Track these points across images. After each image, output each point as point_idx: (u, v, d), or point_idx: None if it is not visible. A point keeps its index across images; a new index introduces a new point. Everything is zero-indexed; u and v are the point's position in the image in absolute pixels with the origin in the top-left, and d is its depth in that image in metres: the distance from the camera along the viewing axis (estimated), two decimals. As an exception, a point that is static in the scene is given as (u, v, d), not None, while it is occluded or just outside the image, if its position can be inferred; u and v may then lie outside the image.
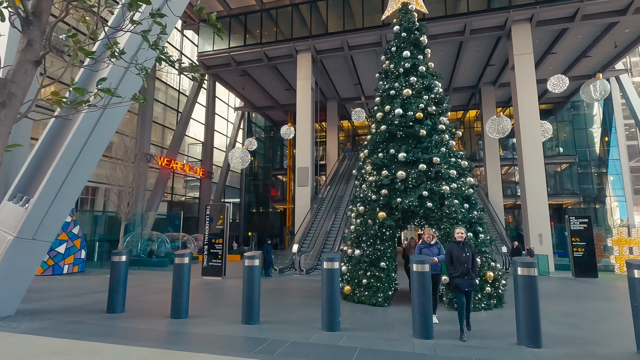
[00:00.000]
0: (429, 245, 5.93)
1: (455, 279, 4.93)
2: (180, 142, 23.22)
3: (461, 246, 5.10)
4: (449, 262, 5.06)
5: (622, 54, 20.02)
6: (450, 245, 5.23)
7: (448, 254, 5.12)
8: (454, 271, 4.97)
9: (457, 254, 5.02)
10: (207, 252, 12.21)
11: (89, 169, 6.73)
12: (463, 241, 5.15)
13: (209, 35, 21.26)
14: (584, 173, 27.77)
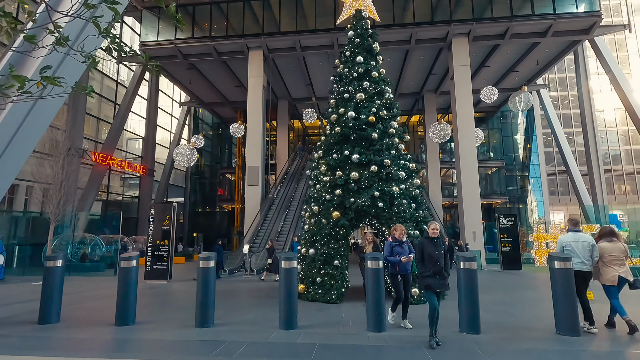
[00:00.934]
0: (401, 243, 5.52)
1: (427, 279, 4.58)
2: (117, 136, 21.53)
3: (434, 243, 4.71)
4: (420, 260, 4.72)
5: (542, 70, 22.65)
6: (422, 241, 4.84)
7: (419, 250, 4.76)
8: (425, 270, 4.63)
9: (430, 251, 4.65)
10: (151, 255, 11.52)
11: (17, 166, 6.01)
12: (437, 237, 4.76)
13: (153, 24, 19.98)
14: (510, 176, 30.93)
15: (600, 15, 17.21)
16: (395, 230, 5.62)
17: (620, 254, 5.10)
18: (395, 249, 5.44)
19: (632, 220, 27.58)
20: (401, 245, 5.48)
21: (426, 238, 4.83)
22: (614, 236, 5.28)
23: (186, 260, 19.88)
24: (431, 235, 4.77)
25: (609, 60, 19.41)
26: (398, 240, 5.51)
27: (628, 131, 43.59)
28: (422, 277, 4.66)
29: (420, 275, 4.70)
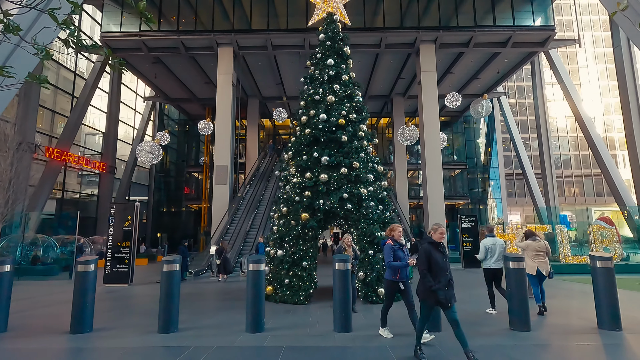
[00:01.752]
0: (402, 246, 4.94)
1: (439, 293, 3.87)
2: (75, 131, 20.32)
3: (441, 249, 4.10)
4: (426, 269, 4.00)
5: (502, 79, 23.91)
6: (427, 247, 4.09)
7: (425, 258, 4.02)
8: (435, 282, 3.91)
9: (438, 259, 3.99)
10: (111, 257, 10.99)
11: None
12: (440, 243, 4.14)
13: (116, 14, 19.02)
14: (472, 178, 32.41)
15: (554, 29, 18.44)
16: (393, 231, 5.00)
17: (541, 251, 6.34)
18: (397, 253, 4.82)
19: (579, 221, 29.77)
20: (402, 248, 4.91)
21: (431, 244, 4.11)
22: (535, 236, 6.58)
23: (149, 262, 19.12)
24: (438, 240, 4.10)
25: (561, 72, 20.84)
26: (398, 243, 4.92)
27: (577, 138, 47.03)
28: (432, 290, 3.89)
29: (429, 289, 3.91)
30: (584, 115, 19.98)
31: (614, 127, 48.41)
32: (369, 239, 7.64)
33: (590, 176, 47.19)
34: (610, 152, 42.89)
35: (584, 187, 47.52)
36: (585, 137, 20.17)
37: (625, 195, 17.90)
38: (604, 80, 49.83)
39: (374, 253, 7.54)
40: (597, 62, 50.45)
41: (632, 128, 16.88)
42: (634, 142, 16.79)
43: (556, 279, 11.11)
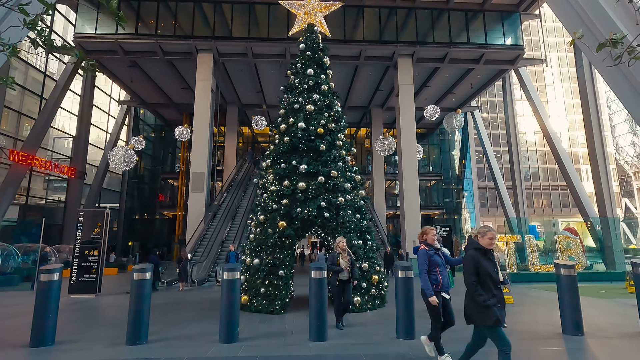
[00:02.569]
0: (437, 250, 4.33)
1: (494, 309, 3.22)
2: (43, 134, 19.42)
3: (491, 257, 3.45)
4: (473, 282, 3.32)
5: (476, 94, 24.89)
6: (474, 254, 3.42)
7: (472, 268, 3.36)
8: (487, 295, 3.26)
9: (488, 269, 3.33)
10: (77, 266, 10.49)
11: None
12: (490, 250, 3.47)
13: (91, 14, 18.53)
14: (447, 189, 33.28)
15: (523, 49, 19.45)
16: (426, 234, 4.35)
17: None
18: (434, 259, 4.19)
19: (547, 231, 31.07)
20: (438, 252, 4.30)
21: (479, 250, 3.44)
22: None
23: (119, 272, 18.37)
24: (487, 246, 3.44)
25: (530, 89, 21.92)
26: (433, 247, 4.29)
27: (545, 152, 49.37)
28: (485, 306, 3.22)
29: (482, 304, 3.23)
30: (551, 131, 21.04)
31: (578, 143, 51.21)
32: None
33: (557, 189, 49.49)
34: (575, 166, 45.30)
35: (552, 199, 49.76)
36: (552, 151, 21.20)
37: (588, 207, 18.87)
38: (568, 98, 52.81)
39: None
40: (563, 81, 53.49)
41: (593, 144, 17.92)
42: (595, 157, 17.81)
43: (525, 286, 11.52)
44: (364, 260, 7.78)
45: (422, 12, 19.34)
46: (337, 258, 6.04)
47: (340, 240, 6.22)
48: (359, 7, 19.02)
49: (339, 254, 6.10)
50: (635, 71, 5.22)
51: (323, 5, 9.81)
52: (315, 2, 9.68)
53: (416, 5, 19.09)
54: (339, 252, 6.11)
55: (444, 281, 4.16)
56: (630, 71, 5.22)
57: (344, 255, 6.08)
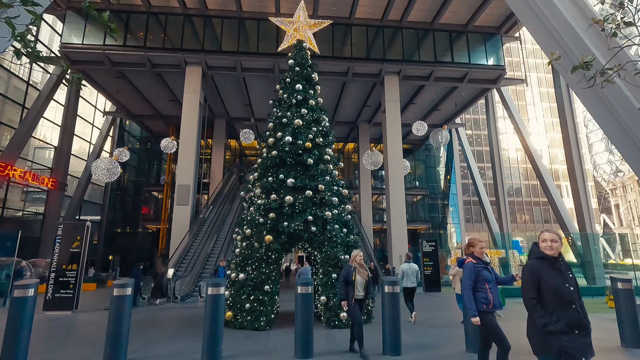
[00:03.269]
0: (486, 265, 3.86)
1: (559, 336, 2.54)
2: (23, 144, 18.91)
3: (558, 267, 2.74)
4: (532, 299, 2.70)
5: (460, 111, 25.55)
6: (534, 264, 2.79)
7: (530, 281, 2.74)
8: (551, 318, 2.60)
9: (555, 282, 2.67)
10: (54, 281, 10.09)
11: None
12: (557, 258, 2.76)
13: (78, 25, 18.41)
14: (432, 204, 33.67)
15: (505, 69, 20.20)
16: (473, 246, 3.94)
17: None
18: (483, 274, 3.74)
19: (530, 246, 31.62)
20: (487, 267, 3.85)
21: (540, 259, 2.79)
22: None
23: (98, 287, 17.71)
24: (551, 253, 2.75)
25: (512, 108, 22.66)
26: (481, 261, 3.86)
27: (527, 169, 50.73)
28: (548, 332, 2.58)
29: (543, 329, 2.60)
30: (532, 148, 21.69)
31: (557, 160, 52.87)
32: (333, 262, 7.64)
33: (539, 204, 50.69)
34: (555, 182, 46.56)
35: (534, 214, 50.88)
36: (533, 168, 21.79)
37: (568, 223, 19.35)
38: (548, 117, 54.76)
39: (337, 277, 7.52)
40: (542, 101, 55.54)
41: (572, 161, 18.53)
42: (574, 174, 18.39)
43: (509, 301, 11.62)
44: (350, 275, 7.73)
45: (408, 31, 19.95)
46: (352, 274, 5.25)
47: (357, 253, 5.47)
48: (347, 25, 19.50)
49: (355, 269, 5.31)
50: (609, 93, 5.48)
51: (312, 23, 10.02)
52: (304, 20, 9.88)
53: (402, 25, 19.70)
54: (355, 267, 5.33)
55: (494, 299, 3.65)
56: (604, 92, 5.48)
57: (361, 270, 5.31)
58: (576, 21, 6.40)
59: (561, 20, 6.52)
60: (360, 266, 5.35)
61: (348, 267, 5.40)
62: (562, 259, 2.78)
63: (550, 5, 6.77)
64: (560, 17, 6.51)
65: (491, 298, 3.64)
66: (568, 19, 6.39)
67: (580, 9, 6.58)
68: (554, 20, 6.65)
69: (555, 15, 6.63)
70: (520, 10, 7.59)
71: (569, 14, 6.50)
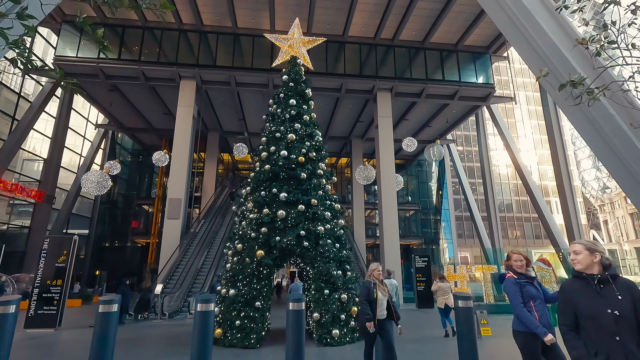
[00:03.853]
0: (530, 280, 3.40)
1: None
2: (11, 156, 18.63)
3: (594, 286, 2.29)
4: (564, 326, 2.35)
5: (451, 128, 25.96)
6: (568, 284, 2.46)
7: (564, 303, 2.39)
8: (585, 350, 2.21)
9: (589, 308, 2.25)
10: (37, 297, 9.77)
11: None
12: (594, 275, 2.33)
13: (72, 38, 18.48)
14: (425, 219, 33.75)
15: (494, 87, 20.69)
16: (514, 260, 3.47)
17: (447, 290, 8.56)
18: (527, 290, 3.33)
19: (521, 262, 31.63)
20: (532, 282, 3.40)
21: (575, 278, 2.44)
22: (444, 279, 8.89)
23: (83, 303, 17.21)
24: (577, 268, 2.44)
25: (501, 125, 23.11)
26: (524, 275, 3.42)
27: (517, 185, 51.42)
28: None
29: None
30: (522, 165, 22.03)
31: (547, 176, 53.75)
32: (325, 278, 7.55)
33: (529, 220, 51.17)
34: (545, 198, 47.19)
35: (525, 230, 51.29)
36: (524, 184, 22.08)
37: (559, 238, 19.51)
38: (537, 134, 55.96)
39: (329, 293, 7.42)
40: (531, 118, 56.84)
41: (561, 178, 18.84)
42: (564, 190, 18.67)
43: (503, 317, 11.56)
44: (343, 291, 7.65)
45: (400, 49, 20.41)
46: (373, 291, 4.56)
47: (376, 267, 4.85)
48: (341, 42, 19.90)
49: (375, 284, 4.65)
50: (595, 111, 5.63)
51: (306, 40, 10.20)
52: (299, 37, 10.06)
53: (394, 43, 20.16)
54: (375, 283, 4.67)
55: (542, 319, 3.16)
56: (590, 111, 5.62)
57: (381, 286, 4.72)
58: (561, 42, 6.63)
59: (547, 41, 6.75)
60: (379, 282, 4.77)
61: (367, 283, 4.73)
62: (608, 276, 2.25)
63: (536, 26, 7.01)
64: (546, 37, 6.74)
65: (537, 317, 3.21)
66: (553, 39, 6.61)
67: (565, 31, 6.82)
68: (540, 40, 6.88)
69: (541, 35, 6.85)
70: (508, 30, 7.84)
71: (554, 35, 6.73)
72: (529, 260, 3.48)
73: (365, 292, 4.58)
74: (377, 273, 4.77)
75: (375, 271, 4.79)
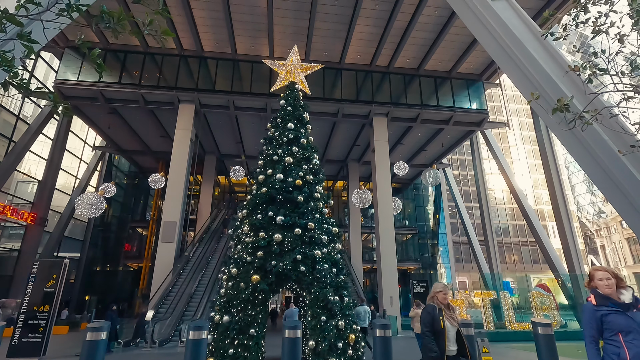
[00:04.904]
0: (622, 306, 2.70)
1: None
2: (5, 178, 18.50)
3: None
4: None
5: (446, 152, 26.26)
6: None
7: None
8: None
9: None
10: (22, 324, 9.40)
11: None
12: None
13: (74, 63, 18.82)
14: (422, 243, 33.50)
15: (487, 113, 21.13)
16: (599, 279, 2.80)
17: None
18: (611, 320, 2.69)
19: (520, 287, 31.21)
20: (626, 310, 2.68)
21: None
22: (420, 305, 9.01)
23: (70, 330, 16.57)
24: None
25: (496, 150, 23.42)
26: (609, 300, 2.74)
27: (513, 209, 51.51)
28: None
29: None
30: (517, 189, 22.16)
31: (542, 200, 53.99)
32: (322, 304, 7.35)
33: (527, 244, 50.92)
34: (542, 223, 47.23)
35: (522, 254, 50.94)
36: (520, 208, 22.12)
37: (557, 263, 19.35)
38: (531, 159, 56.72)
39: (326, 319, 7.21)
40: (524, 143, 57.79)
41: (557, 203, 18.92)
42: (560, 215, 18.70)
43: (503, 346, 11.26)
44: (340, 318, 7.43)
45: (395, 76, 20.96)
46: (439, 319, 3.62)
47: (442, 289, 3.84)
48: (338, 69, 20.42)
49: (441, 310, 3.71)
50: (588, 135, 5.72)
51: (304, 66, 10.44)
52: (297, 63, 10.30)
53: (390, 70, 20.73)
54: (440, 308, 3.73)
55: (632, 355, 2.51)
56: (584, 135, 5.71)
57: (449, 312, 3.72)
58: (551, 69, 6.83)
59: (538, 68, 6.96)
60: (446, 307, 3.77)
61: (430, 308, 3.74)
62: None
63: (527, 54, 7.24)
64: (537, 65, 6.95)
65: (627, 355, 2.53)
66: (544, 66, 6.82)
67: (555, 58, 7.05)
68: (531, 67, 7.09)
69: (532, 63, 7.07)
70: (500, 58, 8.09)
71: (544, 63, 6.94)
72: (620, 279, 2.72)
73: (429, 320, 3.61)
74: (442, 296, 3.77)
75: (440, 294, 3.78)
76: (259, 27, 17.98)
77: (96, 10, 3.08)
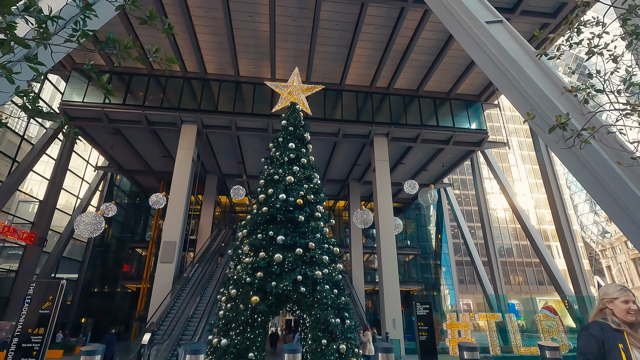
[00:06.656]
0: None
1: None
2: (7, 197, 18.52)
3: None
4: None
5: (447, 172, 26.31)
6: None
7: None
8: None
9: None
10: (16, 348, 9.16)
11: None
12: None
13: (80, 84, 19.22)
14: (425, 264, 33.02)
15: (487, 133, 21.30)
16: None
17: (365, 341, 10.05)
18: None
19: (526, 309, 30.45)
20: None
21: None
22: (368, 329, 10.45)
23: (65, 354, 16.15)
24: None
25: (496, 169, 23.46)
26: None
27: (516, 228, 51.01)
28: None
29: None
30: (519, 208, 22.03)
31: (545, 220, 53.53)
32: (323, 327, 7.17)
33: (531, 265, 50.11)
34: (545, 243, 46.67)
35: (527, 275, 50.04)
36: (522, 228, 21.93)
37: (563, 284, 18.97)
38: (532, 178, 56.68)
39: (327, 343, 7.02)
40: (525, 163, 57.92)
41: (560, 222, 18.75)
42: (564, 235, 18.49)
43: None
44: (341, 341, 7.23)
45: (395, 97, 21.29)
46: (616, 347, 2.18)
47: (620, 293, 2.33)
48: (338, 90, 20.78)
49: (621, 332, 2.24)
50: (587, 154, 5.73)
51: (305, 87, 10.63)
52: (298, 84, 10.50)
53: (390, 91, 21.07)
54: (624, 330, 2.25)
55: None
56: (583, 154, 5.72)
57: (636, 335, 2.24)
58: (548, 89, 6.93)
59: (535, 89, 7.06)
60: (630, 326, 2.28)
61: (595, 328, 2.32)
62: None
63: (524, 75, 7.37)
64: (534, 85, 7.06)
65: None
66: (541, 87, 6.92)
67: (551, 79, 7.16)
68: (528, 88, 7.20)
69: (529, 83, 7.19)
70: (497, 79, 8.23)
71: (541, 83, 7.05)
72: None
73: (595, 350, 2.23)
74: (622, 306, 2.29)
75: (619, 302, 2.30)
76: (262, 50, 18.43)
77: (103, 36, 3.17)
